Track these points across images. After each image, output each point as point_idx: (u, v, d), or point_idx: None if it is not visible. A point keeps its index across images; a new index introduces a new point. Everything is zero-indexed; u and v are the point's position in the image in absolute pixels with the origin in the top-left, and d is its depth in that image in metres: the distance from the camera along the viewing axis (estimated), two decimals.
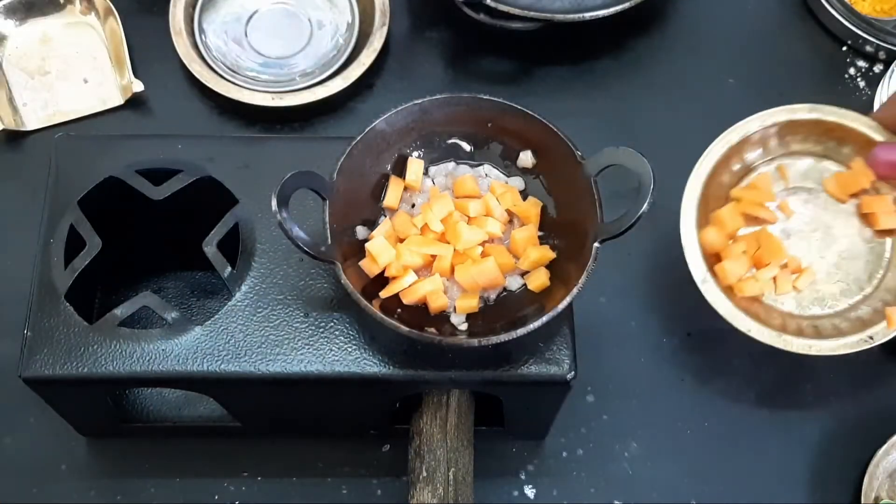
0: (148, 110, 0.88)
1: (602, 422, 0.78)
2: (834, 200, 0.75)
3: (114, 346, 0.63)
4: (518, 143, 0.66)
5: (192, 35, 0.89)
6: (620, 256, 0.83)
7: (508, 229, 0.65)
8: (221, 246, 0.65)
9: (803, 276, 0.73)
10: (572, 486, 0.76)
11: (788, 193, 0.76)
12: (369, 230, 0.64)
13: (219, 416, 0.73)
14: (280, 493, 0.75)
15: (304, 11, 0.93)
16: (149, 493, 0.75)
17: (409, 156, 0.66)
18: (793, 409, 0.78)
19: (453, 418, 0.67)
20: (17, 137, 0.87)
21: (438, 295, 0.62)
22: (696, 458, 0.77)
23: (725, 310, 0.71)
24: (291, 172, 0.58)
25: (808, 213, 0.75)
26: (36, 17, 0.91)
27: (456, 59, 0.92)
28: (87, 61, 0.90)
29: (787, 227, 0.75)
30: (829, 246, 0.74)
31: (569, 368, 0.63)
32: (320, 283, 0.65)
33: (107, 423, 0.73)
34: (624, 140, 0.62)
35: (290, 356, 0.63)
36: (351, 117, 0.88)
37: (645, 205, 0.57)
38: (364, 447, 0.76)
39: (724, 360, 0.79)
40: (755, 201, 0.73)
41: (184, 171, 0.67)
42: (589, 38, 0.93)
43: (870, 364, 0.80)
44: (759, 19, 0.95)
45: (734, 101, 0.91)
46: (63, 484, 0.75)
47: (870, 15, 0.92)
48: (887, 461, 0.74)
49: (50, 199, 0.67)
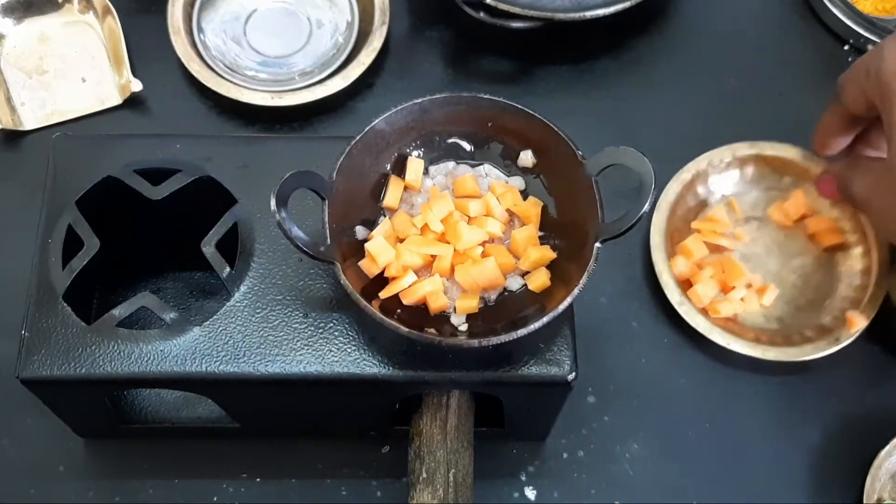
0: (146, 110, 0.88)
1: (603, 423, 0.77)
2: (782, 226, 0.83)
3: (112, 346, 0.62)
4: (518, 143, 0.66)
5: (190, 34, 0.89)
6: (621, 256, 0.83)
7: (509, 229, 0.64)
8: (220, 246, 0.65)
9: (767, 293, 0.80)
10: (573, 488, 0.75)
11: (742, 223, 0.84)
12: (369, 230, 0.64)
13: (217, 417, 0.72)
14: (279, 494, 0.75)
15: (304, 10, 0.92)
16: (147, 495, 0.74)
17: (409, 155, 0.66)
18: (794, 410, 0.78)
19: (453, 419, 0.67)
20: (14, 137, 0.86)
21: (438, 295, 0.61)
22: (698, 460, 0.77)
23: (704, 327, 0.77)
24: (290, 172, 0.58)
25: (761, 239, 0.83)
26: (34, 15, 0.91)
27: (456, 58, 0.92)
28: (85, 60, 0.90)
29: (746, 253, 0.82)
30: (786, 265, 0.82)
31: (570, 369, 0.63)
32: (320, 283, 0.65)
33: (105, 424, 0.73)
34: (624, 140, 0.62)
35: (289, 357, 0.63)
36: (351, 117, 0.88)
37: (646, 205, 0.57)
38: (364, 448, 0.76)
39: (724, 361, 0.79)
40: (714, 231, 0.81)
41: (182, 170, 0.67)
42: (589, 37, 0.93)
43: (871, 364, 0.80)
44: (760, 18, 0.95)
45: (734, 101, 0.91)
46: (61, 485, 0.75)
47: (872, 14, 0.92)
48: (890, 462, 0.74)
49: (48, 199, 0.67)
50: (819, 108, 0.88)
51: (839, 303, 0.80)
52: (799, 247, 0.83)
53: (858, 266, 0.81)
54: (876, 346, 0.80)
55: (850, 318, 0.77)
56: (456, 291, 0.62)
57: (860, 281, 0.80)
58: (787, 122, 0.89)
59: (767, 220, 0.84)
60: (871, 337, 0.80)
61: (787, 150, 0.84)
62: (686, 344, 0.80)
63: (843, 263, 0.82)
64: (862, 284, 0.80)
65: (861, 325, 0.77)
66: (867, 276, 0.80)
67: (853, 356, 0.79)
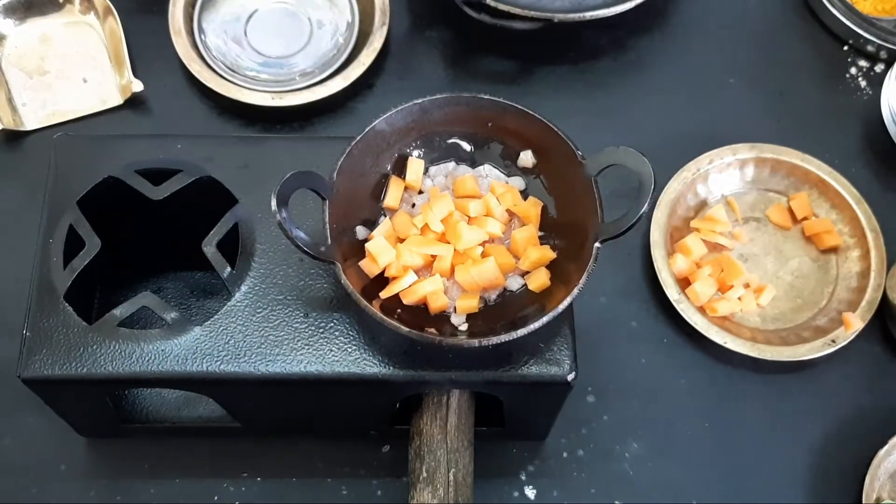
0: (147, 110, 0.88)
1: (602, 422, 0.78)
2: (780, 227, 0.84)
3: (113, 346, 0.63)
4: (518, 143, 0.66)
5: (191, 35, 0.89)
6: (620, 256, 0.83)
7: (509, 229, 0.64)
8: (221, 246, 0.65)
9: (764, 293, 0.80)
10: (573, 487, 0.75)
11: (740, 224, 0.84)
12: (369, 230, 0.64)
13: (218, 416, 0.73)
14: (280, 493, 0.75)
15: (304, 11, 0.92)
16: (148, 494, 0.74)
17: (410, 156, 0.66)
18: (794, 410, 0.78)
19: (453, 419, 0.67)
20: (16, 137, 0.86)
21: (439, 295, 0.61)
22: (697, 459, 0.77)
23: (701, 325, 0.78)
24: (291, 172, 0.58)
25: (760, 240, 0.84)
26: (35, 16, 0.91)
27: (456, 59, 0.92)
28: (86, 61, 0.90)
29: (744, 252, 0.83)
30: (783, 266, 0.83)
31: (569, 369, 0.63)
32: (320, 283, 0.65)
33: (106, 424, 0.73)
34: (624, 140, 0.62)
35: (289, 356, 0.63)
36: (351, 117, 0.88)
37: (646, 205, 0.57)
38: (364, 448, 0.76)
39: (724, 361, 0.79)
40: (713, 230, 0.82)
41: (183, 170, 0.67)
42: (589, 38, 0.93)
43: (870, 364, 0.80)
44: (760, 19, 0.95)
45: (734, 101, 0.91)
46: (62, 484, 0.75)
47: (871, 14, 0.92)
48: (888, 462, 0.74)
49: (49, 199, 0.67)
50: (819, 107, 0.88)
51: (836, 304, 0.80)
52: (797, 248, 0.83)
53: (856, 268, 0.81)
54: (875, 346, 0.80)
55: (847, 320, 0.78)
56: (456, 291, 0.62)
57: (857, 283, 0.80)
58: (787, 122, 0.89)
59: (766, 220, 0.84)
60: (869, 338, 0.80)
61: (787, 153, 0.84)
62: (685, 344, 0.80)
63: (841, 266, 0.82)
64: (859, 287, 0.80)
65: (857, 326, 0.77)
66: (864, 278, 0.80)
67: (853, 356, 0.79)
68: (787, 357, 0.77)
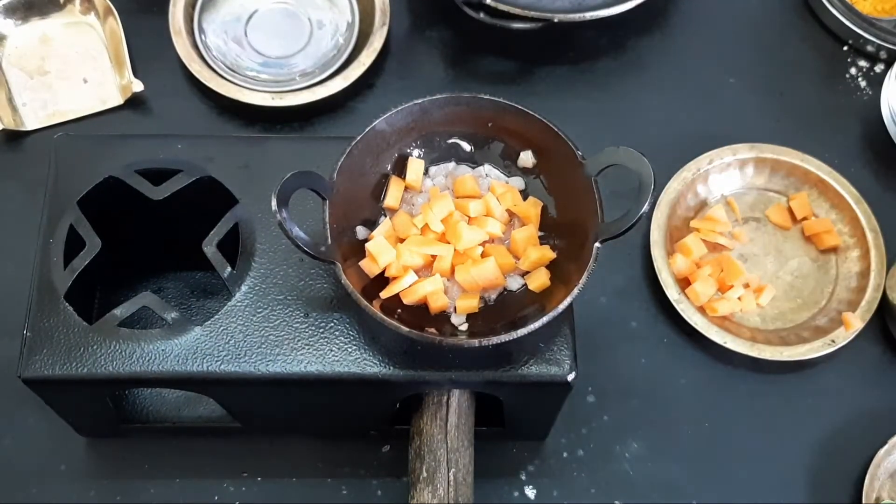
0: (147, 110, 0.88)
1: (602, 422, 0.78)
2: (780, 227, 0.84)
3: (113, 346, 0.63)
4: (518, 143, 0.66)
5: (191, 35, 0.89)
6: (620, 256, 0.83)
7: (509, 229, 0.64)
8: (221, 246, 0.65)
9: (764, 293, 0.80)
10: (573, 487, 0.75)
11: (740, 224, 0.85)
12: (369, 230, 0.64)
13: (218, 416, 0.73)
14: (280, 493, 0.75)
15: (304, 11, 0.92)
16: (148, 494, 0.74)
17: (410, 156, 0.66)
18: (794, 410, 0.78)
19: (454, 419, 0.67)
20: (16, 137, 0.86)
21: (439, 295, 0.61)
22: (697, 459, 0.77)
23: (701, 325, 0.78)
24: (291, 172, 0.58)
25: (759, 240, 0.84)
26: (35, 16, 0.91)
27: (456, 59, 0.92)
28: (86, 61, 0.90)
29: (744, 252, 0.83)
30: (783, 266, 0.83)
31: (569, 369, 0.63)
32: (320, 283, 0.65)
33: (106, 424, 0.73)
34: (624, 140, 0.62)
35: (289, 356, 0.63)
36: (351, 117, 0.88)
37: (645, 205, 0.57)
38: (364, 448, 0.76)
39: (723, 361, 0.79)
40: (713, 230, 0.82)
41: (183, 170, 0.67)
42: (589, 37, 0.93)
43: (870, 364, 0.80)
44: (760, 19, 0.95)
45: (734, 101, 0.91)
46: (63, 484, 0.75)
47: (871, 14, 0.92)
48: (888, 461, 0.74)
49: (49, 199, 0.67)
50: (819, 107, 0.88)
51: (836, 304, 0.80)
52: (796, 248, 0.84)
53: (855, 268, 0.81)
54: (875, 346, 0.80)
55: (846, 320, 0.78)
56: (456, 291, 0.62)
57: (857, 283, 0.80)
58: (787, 122, 0.89)
59: (766, 221, 0.84)
60: (869, 338, 0.80)
61: (787, 153, 0.84)
62: (685, 344, 0.80)
63: (841, 266, 0.82)
64: (859, 286, 0.80)
65: (857, 326, 0.78)
66: (864, 278, 0.80)
67: (853, 356, 0.79)
68: (786, 357, 0.77)
